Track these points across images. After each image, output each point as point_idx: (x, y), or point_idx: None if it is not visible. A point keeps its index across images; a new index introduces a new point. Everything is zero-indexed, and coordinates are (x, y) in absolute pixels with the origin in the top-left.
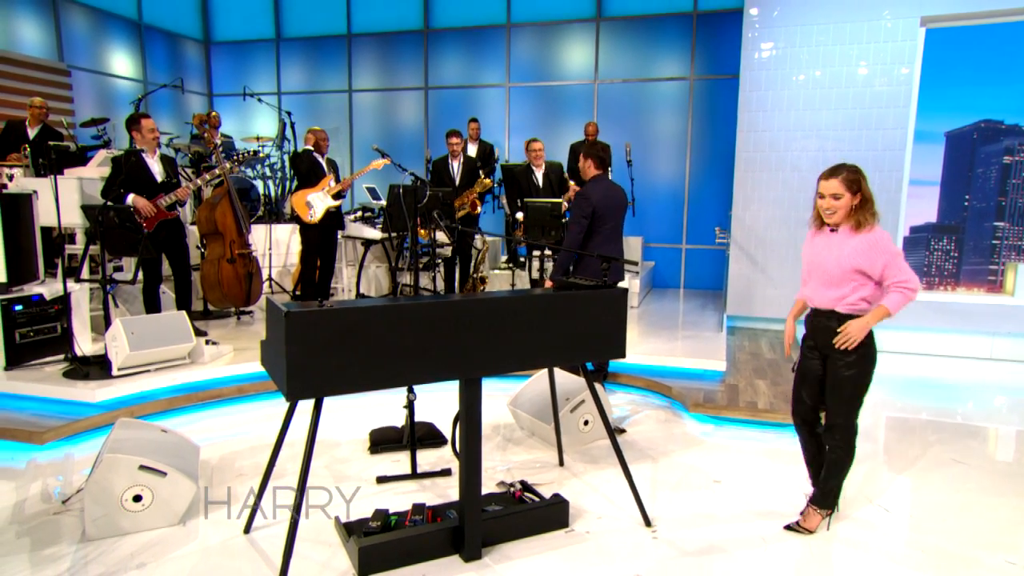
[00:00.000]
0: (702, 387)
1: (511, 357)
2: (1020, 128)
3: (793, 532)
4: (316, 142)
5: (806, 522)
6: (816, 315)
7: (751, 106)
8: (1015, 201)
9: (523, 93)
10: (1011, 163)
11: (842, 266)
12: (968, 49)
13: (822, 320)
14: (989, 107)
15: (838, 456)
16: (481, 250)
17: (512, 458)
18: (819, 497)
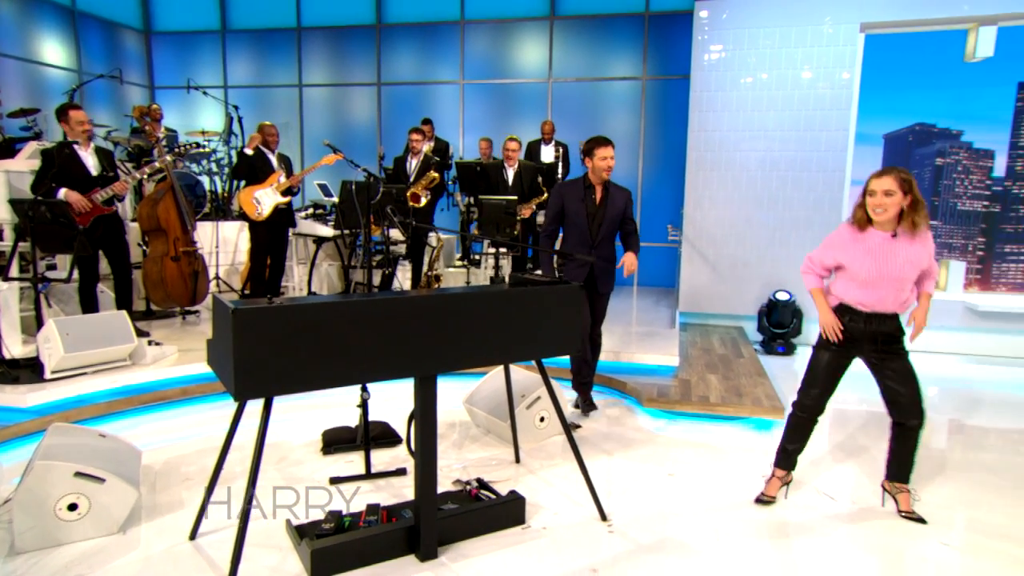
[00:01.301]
0: (656, 382)
1: (467, 354)
2: (951, 132)
3: (912, 521)
4: (264, 138)
5: (907, 504)
6: (870, 319)
7: (702, 106)
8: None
9: (477, 90)
10: (943, 165)
11: (911, 273)
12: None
13: (884, 323)
14: (923, 111)
15: (918, 437)
16: (436, 248)
17: (468, 456)
18: (905, 474)
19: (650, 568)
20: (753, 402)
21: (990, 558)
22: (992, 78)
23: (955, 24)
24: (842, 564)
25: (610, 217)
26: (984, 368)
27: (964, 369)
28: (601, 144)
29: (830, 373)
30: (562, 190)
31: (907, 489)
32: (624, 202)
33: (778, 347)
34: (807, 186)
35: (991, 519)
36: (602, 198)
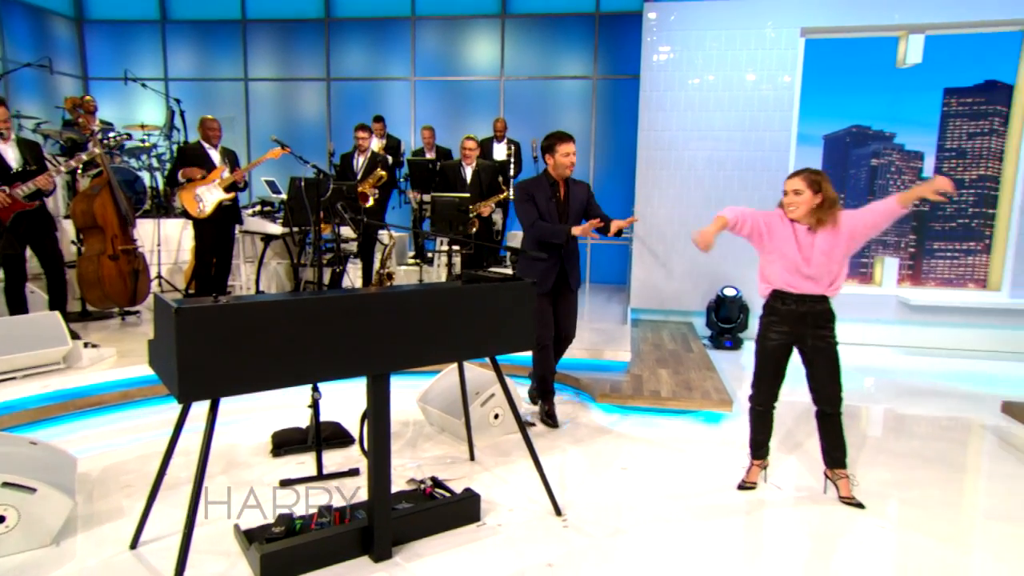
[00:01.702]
0: (608, 378)
1: (420, 352)
2: (885, 134)
3: (852, 506)
4: (204, 132)
5: (847, 490)
6: (802, 300)
7: (651, 106)
8: None
9: (429, 87)
10: (878, 165)
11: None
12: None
13: (811, 304)
14: (859, 113)
15: (840, 421)
16: (388, 245)
17: (422, 454)
18: (841, 457)
19: (605, 560)
20: (703, 396)
21: (923, 537)
22: (921, 83)
23: (887, 31)
24: (786, 549)
25: (575, 212)
26: (916, 359)
27: (898, 360)
28: (563, 140)
29: (774, 363)
30: (529, 189)
31: (846, 475)
32: (586, 195)
33: (726, 342)
34: (752, 185)
35: (923, 501)
36: (565, 194)
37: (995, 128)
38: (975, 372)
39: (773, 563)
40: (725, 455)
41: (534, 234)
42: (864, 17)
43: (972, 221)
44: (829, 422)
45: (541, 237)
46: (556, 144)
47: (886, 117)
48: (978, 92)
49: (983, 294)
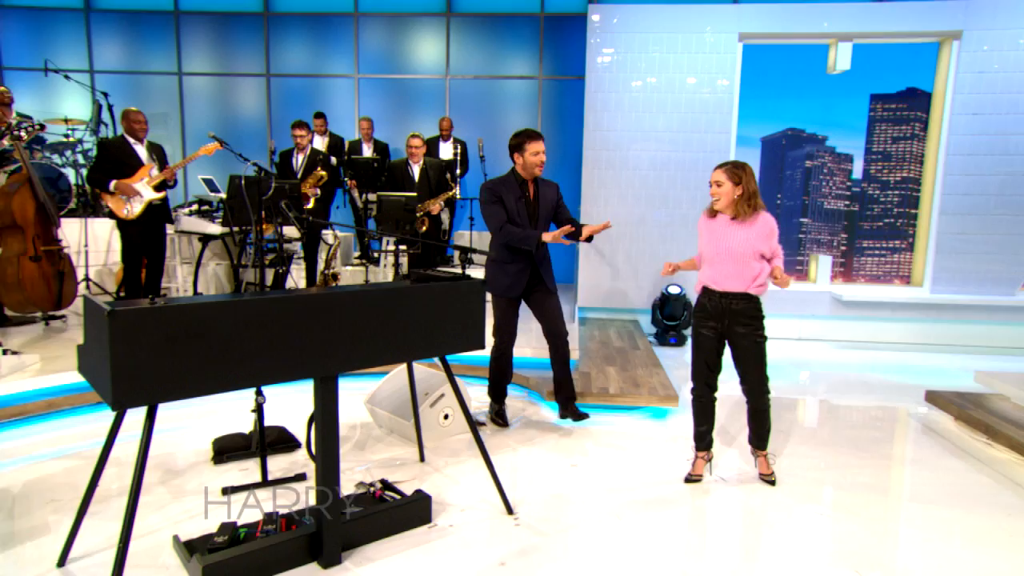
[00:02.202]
0: None
1: (368, 353)
2: (817, 137)
3: (767, 484)
4: (129, 126)
5: (765, 468)
6: (724, 297)
7: (596, 107)
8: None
9: (373, 85)
10: (812, 167)
11: (745, 249)
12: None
13: (733, 302)
14: (794, 117)
15: (765, 406)
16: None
17: (371, 457)
18: (762, 443)
19: (557, 557)
20: (649, 392)
21: (856, 520)
22: (850, 89)
23: (818, 39)
24: (730, 538)
25: (545, 212)
26: (848, 352)
27: (832, 354)
28: (532, 138)
29: (707, 356)
30: (497, 189)
31: (765, 455)
32: (555, 195)
33: (671, 339)
34: (694, 185)
35: (856, 487)
36: (535, 194)
37: (916, 133)
38: (901, 363)
39: (718, 553)
40: (672, 449)
41: (503, 239)
42: (797, 25)
43: (897, 221)
44: (750, 409)
45: (510, 243)
46: (525, 143)
47: (819, 121)
48: (901, 99)
49: (907, 290)
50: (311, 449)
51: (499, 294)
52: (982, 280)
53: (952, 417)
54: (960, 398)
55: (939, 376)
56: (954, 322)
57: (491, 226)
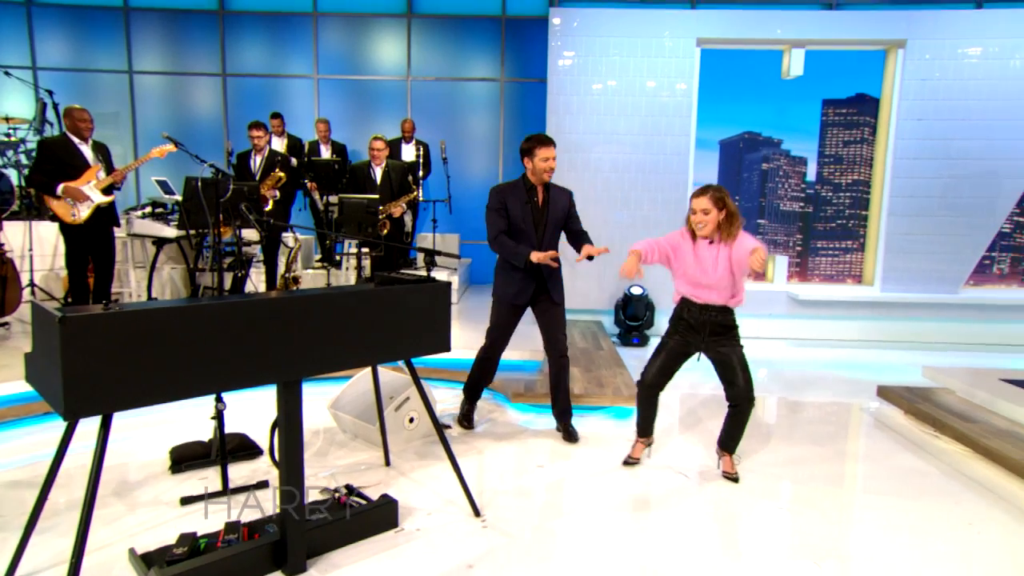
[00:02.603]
0: (522, 377)
1: (333, 356)
2: (773, 140)
3: (730, 481)
4: (73, 124)
5: (728, 467)
6: (704, 310)
7: (558, 110)
8: (772, 202)
9: (333, 86)
10: (768, 169)
11: (728, 277)
12: (735, 69)
13: (712, 315)
14: (751, 120)
15: (749, 412)
16: (293, 248)
17: (335, 462)
18: (733, 445)
19: (525, 558)
20: (614, 392)
21: (813, 511)
22: (803, 94)
23: (772, 45)
24: (696, 532)
25: (554, 220)
26: (804, 350)
27: (788, 352)
28: (543, 144)
29: (669, 357)
30: (502, 192)
31: (729, 456)
32: (567, 203)
33: (633, 339)
34: (655, 187)
35: (812, 479)
36: (544, 200)
37: (865, 137)
38: (854, 360)
39: (683, 548)
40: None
41: (496, 250)
42: (752, 31)
43: (849, 222)
44: (732, 413)
45: (502, 255)
46: (536, 148)
47: (774, 124)
48: (851, 104)
49: (859, 288)
50: (274, 456)
51: (504, 301)
52: (928, 279)
53: (902, 411)
54: (909, 393)
55: (890, 372)
56: (903, 319)
57: (488, 234)
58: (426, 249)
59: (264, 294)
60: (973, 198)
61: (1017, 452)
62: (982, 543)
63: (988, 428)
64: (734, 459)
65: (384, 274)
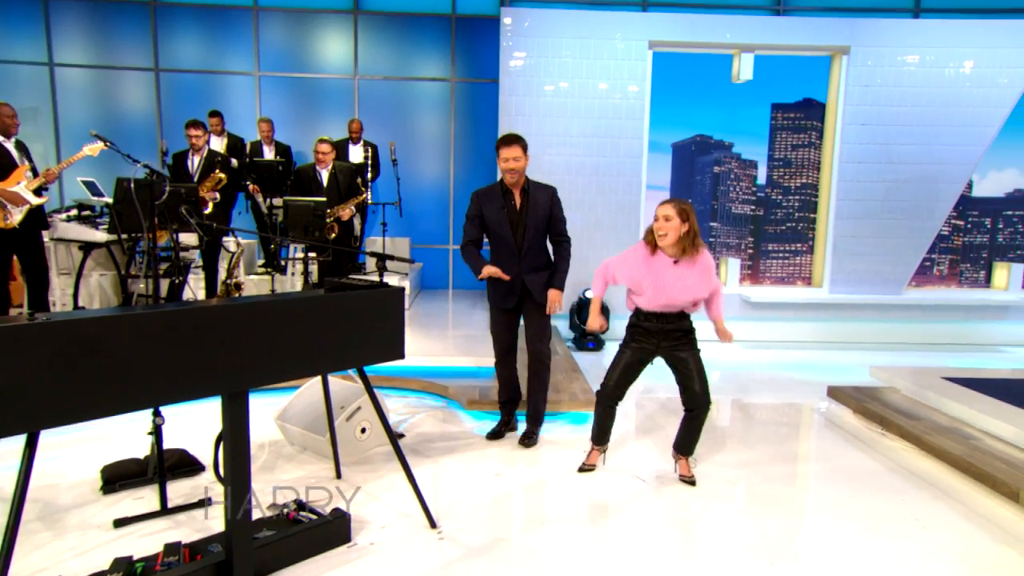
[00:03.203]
0: (477, 384)
1: (281, 366)
2: (724, 143)
3: (688, 484)
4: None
5: (687, 470)
6: (660, 318)
7: (510, 111)
8: (724, 205)
9: (276, 84)
10: (720, 172)
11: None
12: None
13: (669, 322)
14: (703, 123)
15: (702, 418)
16: (235, 253)
17: (283, 477)
18: (689, 449)
19: (484, 570)
20: (570, 397)
21: (766, 512)
22: (753, 98)
23: (723, 49)
24: (652, 535)
25: (533, 222)
26: (757, 352)
27: (742, 354)
28: (503, 144)
29: (628, 366)
30: (480, 197)
31: (685, 459)
32: (547, 201)
33: (588, 343)
34: (608, 190)
35: (766, 480)
36: (522, 203)
37: (813, 141)
38: (805, 361)
39: (643, 554)
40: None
41: (463, 258)
42: (702, 34)
43: (798, 225)
44: (688, 417)
45: (467, 262)
46: (498, 148)
47: (725, 128)
48: (798, 108)
49: (809, 290)
50: (219, 471)
51: (494, 306)
52: (873, 280)
53: (851, 411)
54: (858, 392)
55: (839, 372)
56: (851, 320)
57: (462, 241)
58: (378, 253)
59: (206, 302)
60: (914, 202)
61: (958, 448)
62: (928, 538)
63: (932, 425)
64: (690, 462)
65: (334, 280)
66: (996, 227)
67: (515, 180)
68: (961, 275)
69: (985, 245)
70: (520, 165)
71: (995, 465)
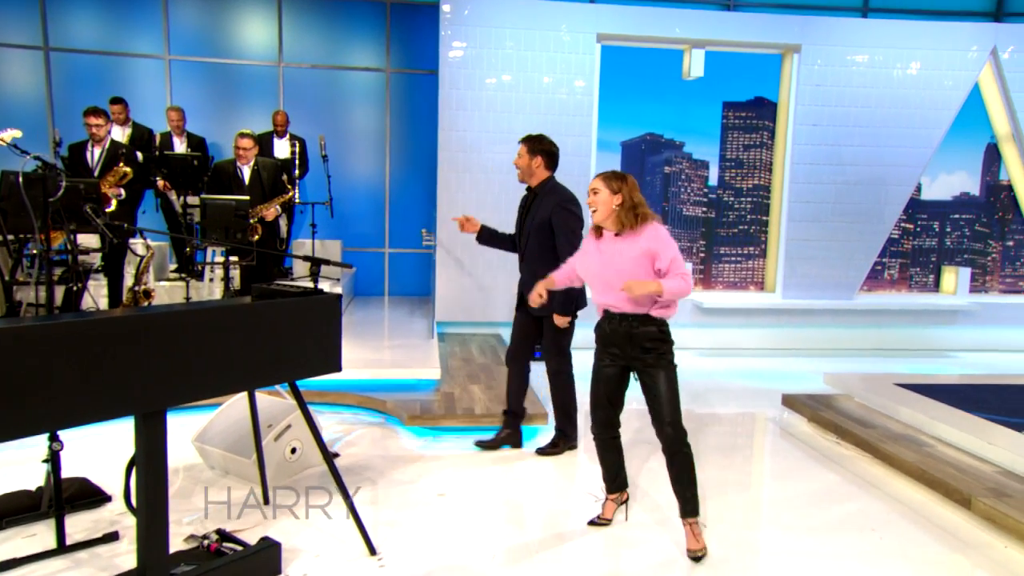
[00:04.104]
0: (417, 398)
1: (205, 382)
2: (675, 143)
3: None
4: None
5: (697, 542)
6: (622, 320)
7: (451, 105)
8: (675, 207)
9: (189, 69)
10: (671, 173)
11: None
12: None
13: (631, 325)
14: (653, 122)
15: (682, 453)
16: (144, 257)
17: (202, 504)
18: (689, 506)
19: None
20: None
21: (720, 524)
22: (704, 96)
23: (673, 44)
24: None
25: (531, 228)
26: (710, 360)
27: (695, 362)
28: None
29: (610, 389)
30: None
31: (693, 522)
32: (549, 210)
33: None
34: None
35: (722, 490)
36: (531, 204)
37: (764, 141)
38: (759, 369)
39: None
40: (544, 471)
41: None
42: (652, 28)
43: (750, 227)
44: (668, 458)
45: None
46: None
47: (676, 126)
48: (750, 107)
49: (761, 296)
50: (130, 501)
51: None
52: (826, 285)
53: (806, 419)
54: (812, 400)
55: (793, 379)
56: (803, 326)
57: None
58: (313, 258)
59: (112, 312)
60: (865, 204)
61: (912, 456)
62: (885, 549)
63: (886, 433)
64: (698, 526)
65: (263, 286)
66: (944, 231)
67: (521, 178)
68: (911, 279)
69: (934, 249)
70: (520, 162)
71: (947, 472)
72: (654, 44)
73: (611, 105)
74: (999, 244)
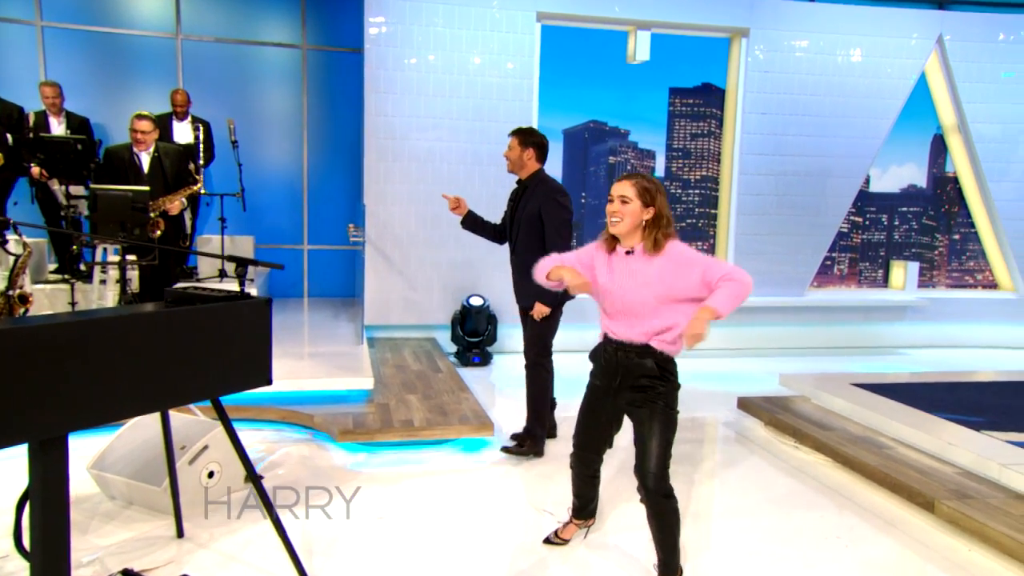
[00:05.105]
0: (349, 410)
1: (111, 403)
2: (620, 131)
3: None
4: None
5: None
6: (619, 349)
7: (378, 87)
8: None
9: (67, 38)
10: (615, 163)
11: (648, 295)
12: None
13: (629, 356)
14: (596, 109)
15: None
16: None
17: (103, 541)
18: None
19: None
20: (460, 420)
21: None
22: (650, 82)
23: (616, 24)
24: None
25: (519, 222)
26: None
27: None
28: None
29: (597, 417)
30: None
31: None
32: (537, 204)
33: (474, 357)
34: (494, 181)
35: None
36: (520, 196)
37: (712, 130)
38: (712, 371)
39: None
40: (492, 487)
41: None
42: (594, 7)
43: (699, 221)
44: (648, 515)
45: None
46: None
47: (621, 114)
48: (698, 94)
49: None
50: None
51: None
52: (776, 281)
53: (763, 423)
54: (768, 403)
55: (747, 381)
56: (756, 324)
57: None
58: (238, 258)
59: None
60: (814, 197)
61: (873, 459)
62: (850, 556)
63: (845, 435)
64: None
65: (179, 290)
66: (893, 224)
67: (511, 169)
68: (860, 274)
69: (883, 243)
70: (510, 154)
71: (909, 475)
72: (597, 24)
73: (552, 90)
74: (946, 238)
